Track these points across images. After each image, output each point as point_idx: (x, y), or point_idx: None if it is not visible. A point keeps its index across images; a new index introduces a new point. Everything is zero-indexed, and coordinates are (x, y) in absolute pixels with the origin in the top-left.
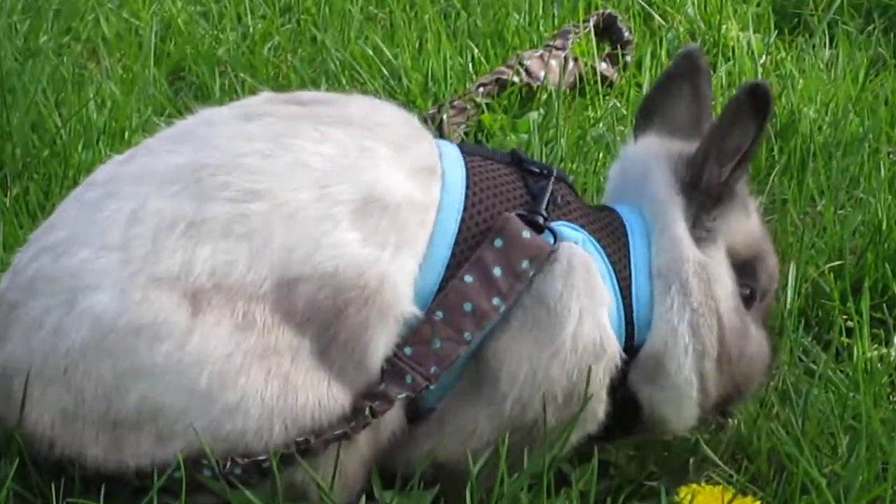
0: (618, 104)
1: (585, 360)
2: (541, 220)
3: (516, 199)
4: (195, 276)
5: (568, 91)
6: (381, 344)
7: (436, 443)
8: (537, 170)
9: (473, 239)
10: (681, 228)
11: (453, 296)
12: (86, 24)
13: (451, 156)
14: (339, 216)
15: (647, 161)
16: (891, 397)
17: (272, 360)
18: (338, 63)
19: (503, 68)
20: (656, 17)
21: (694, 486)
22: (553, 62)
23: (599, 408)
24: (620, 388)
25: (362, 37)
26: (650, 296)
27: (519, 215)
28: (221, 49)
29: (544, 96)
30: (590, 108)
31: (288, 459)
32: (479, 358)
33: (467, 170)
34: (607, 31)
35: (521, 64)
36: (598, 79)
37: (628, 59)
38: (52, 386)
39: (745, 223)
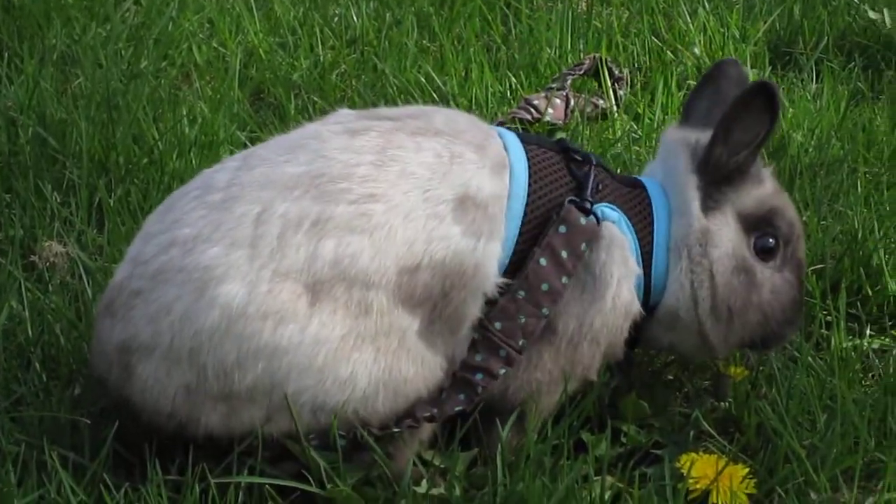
0: (634, 126)
1: (619, 317)
2: (589, 206)
3: (566, 186)
4: (317, 268)
5: (580, 120)
6: (472, 317)
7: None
8: (579, 157)
9: (535, 220)
10: (693, 204)
11: (533, 277)
12: (180, 52)
13: (515, 147)
14: (443, 213)
15: (674, 146)
16: (862, 381)
17: (383, 340)
18: (395, 88)
19: (516, 110)
20: (668, 53)
21: (693, 454)
22: (557, 100)
23: (621, 351)
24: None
25: (416, 66)
26: (666, 265)
27: (572, 202)
28: (296, 74)
29: (573, 124)
30: (609, 131)
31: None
32: None
33: (528, 159)
34: (599, 72)
35: (529, 104)
36: (600, 112)
37: (621, 93)
38: (178, 365)
39: (755, 190)
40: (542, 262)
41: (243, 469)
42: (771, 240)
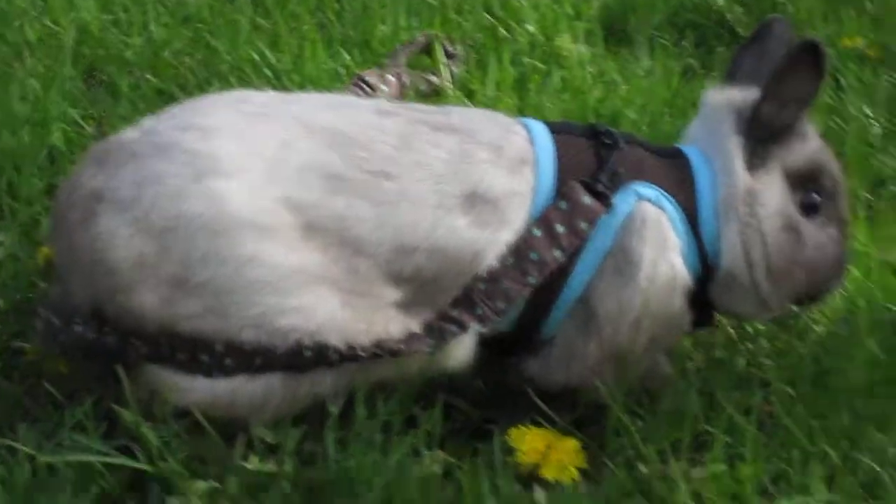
0: (468, 102)
1: (661, 293)
2: (600, 188)
3: (588, 170)
4: (321, 215)
5: (414, 97)
6: (458, 291)
7: (545, 366)
8: (609, 141)
9: None
10: (737, 164)
11: (523, 245)
12: (12, 30)
13: (542, 138)
14: (451, 206)
15: (716, 108)
16: (691, 356)
17: (357, 299)
18: (228, 66)
19: (350, 87)
20: (502, 30)
21: (523, 428)
22: (391, 77)
23: (684, 321)
24: (699, 299)
25: (249, 43)
26: (716, 228)
27: (582, 182)
28: (129, 52)
29: (407, 101)
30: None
31: (348, 359)
32: (583, 300)
33: (556, 149)
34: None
35: (363, 81)
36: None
37: (454, 69)
38: (145, 235)
39: (801, 147)
40: (536, 232)
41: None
42: (816, 195)
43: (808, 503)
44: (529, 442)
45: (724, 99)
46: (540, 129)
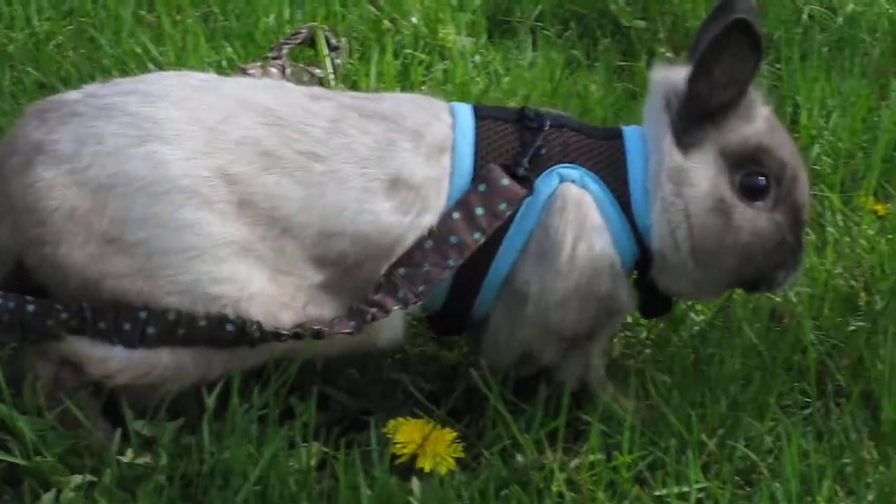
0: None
1: (584, 273)
2: (521, 171)
3: (511, 153)
4: (253, 192)
5: None
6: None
7: (482, 347)
8: (535, 125)
9: None
10: (664, 142)
11: (442, 229)
12: None
13: (465, 124)
14: (376, 189)
15: (652, 86)
16: None
17: (282, 277)
18: (111, 59)
19: None
20: (386, 22)
21: (400, 419)
22: (273, 69)
23: (620, 303)
24: (644, 282)
25: (133, 37)
26: (647, 207)
27: (502, 166)
28: (11, 46)
29: None
30: None
31: (269, 337)
32: (509, 281)
33: (476, 134)
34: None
35: (245, 74)
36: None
37: (338, 61)
38: (81, 189)
39: (741, 127)
40: (455, 216)
41: None
42: (760, 178)
43: (685, 491)
44: (406, 433)
45: (662, 77)
46: (465, 115)
